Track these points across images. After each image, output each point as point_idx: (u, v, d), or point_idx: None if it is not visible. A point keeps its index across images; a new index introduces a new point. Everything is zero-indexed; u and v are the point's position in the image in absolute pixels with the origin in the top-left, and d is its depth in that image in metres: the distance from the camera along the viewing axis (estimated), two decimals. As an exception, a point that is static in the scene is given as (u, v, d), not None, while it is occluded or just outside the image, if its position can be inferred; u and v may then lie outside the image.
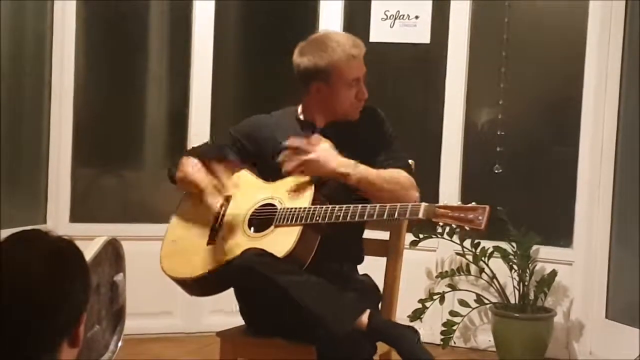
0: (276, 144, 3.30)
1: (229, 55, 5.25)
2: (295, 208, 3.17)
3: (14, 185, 4.70)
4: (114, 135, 5.12)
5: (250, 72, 5.39)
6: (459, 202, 3.10)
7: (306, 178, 3.24)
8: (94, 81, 5.08)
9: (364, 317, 3.05)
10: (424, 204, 3.04)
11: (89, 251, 2.58)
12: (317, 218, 3.12)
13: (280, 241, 3.12)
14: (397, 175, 3.24)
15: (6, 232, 1.75)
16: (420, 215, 3.02)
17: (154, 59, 5.21)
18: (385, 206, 3.08)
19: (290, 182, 3.26)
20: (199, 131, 5.01)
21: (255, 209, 3.25)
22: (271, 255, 3.08)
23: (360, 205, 3.10)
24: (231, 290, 3.27)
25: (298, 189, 3.23)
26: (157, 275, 3.34)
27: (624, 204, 4.70)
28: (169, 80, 5.24)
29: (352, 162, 3.18)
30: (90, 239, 2.65)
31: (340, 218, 3.10)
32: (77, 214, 4.92)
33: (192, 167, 3.32)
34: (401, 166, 3.28)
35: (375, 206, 3.09)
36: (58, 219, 4.83)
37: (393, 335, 3.05)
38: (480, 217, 2.97)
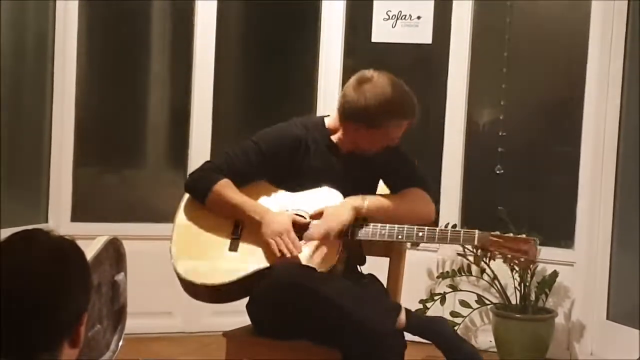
0: (306, 162, 3.30)
1: (231, 54, 5.24)
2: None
3: (16, 184, 4.70)
4: (116, 135, 5.12)
5: (252, 72, 5.39)
6: (511, 233, 3.20)
7: (333, 192, 3.24)
8: (96, 80, 5.08)
9: (402, 316, 3.08)
10: (477, 232, 3.13)
11: (90, 250, 2.58)
12: (358, 235, 3.18)
13: (319, 254, 3.15)
14: (408, 196, 3.28)
15: (7, 232, 1.75)
16: (476, 243, 3.14)
17: (156, 58, 5.21)
18: (435, 230, 3.17)
19: (315, 195, 3.26)
20: (200, 131, 5.02)
21: None
22: (305, 265, 3.10)
23: (405, 227, 3.17)
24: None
25: (325, 202, 3.24)
26: (158, 274, 3.34)
27: (626, 205, 4.70)
28: (170, 80, 5.24)
29: (360, 197, 3.21)
30: (92, 239, 2.66)
31: (386, 237, 3.17)
32: (79, 213, 4.92)
33: (228, 189, 3.25)
34: (416, 185, 3.31)
35: (424, 229, 3.17)
36: (59, 218, 4.83)
37: (433, 331, 3.10)
38: (533, 249, 3.11)
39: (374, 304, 3.09)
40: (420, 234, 3.16)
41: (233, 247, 3.23)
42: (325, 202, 3.23)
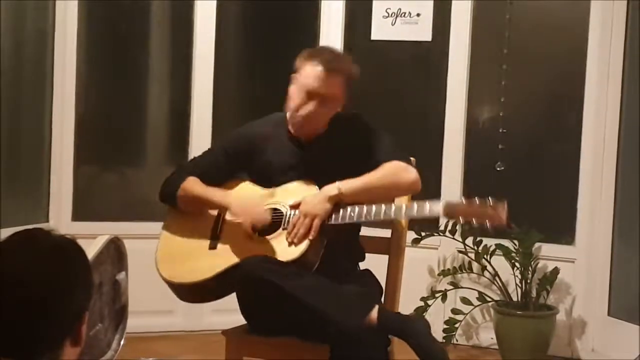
0: (269, 159, 3.31)
1: (230, 53, 5.25)
2: None
3: (16, 183, 4.70)
4: (116, 134, 5.12)
5: (251, 71, 5.39)
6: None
7: (308, 184, 3.23)
8: (96, 79, 5.08)
9: (374, 313, 3.06)
10: (443, 201, 3.09)
11: (91, 250, 2.59)
12: (330, 219, 3.14)
13: (290, 244, 3.15)
14: (385, 170, 3.20)
15: (8, 231, 1.75)
16: (441, 211, 3.08)
17: (155, 57, 5.21)
18: (401, 205, 3.14)
19: (292, 187, 3.25)
20: (200, 130, 5.02)
21: None
22: (275, 260, 3.10)
23: (374, 206, 3.12)
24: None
25: (302, 194, 3.22)
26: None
27: (626, 201, 4.70)
28: (170, 79, 5.24)
29: (334, 185, 3.16)
30: (93, 238, 2.66)
31: (355, 218, 3.14)
32: (79, 213, 4.92)
33: (194, 184, 3.31)
34: (392, 158, 3.22)
35: (391, 205, 3.13)
36: (60, 218, 4.83)
37: (404, 329, 3.06)
38: (500, 213, 3.04)
39: (341, 300, 3.08)
40: (388, 211, 3.11)
41: (213, 246, 3.26)
42: (302, 194, 3.22)
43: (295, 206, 3.19)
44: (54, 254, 1.69)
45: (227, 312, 3.59)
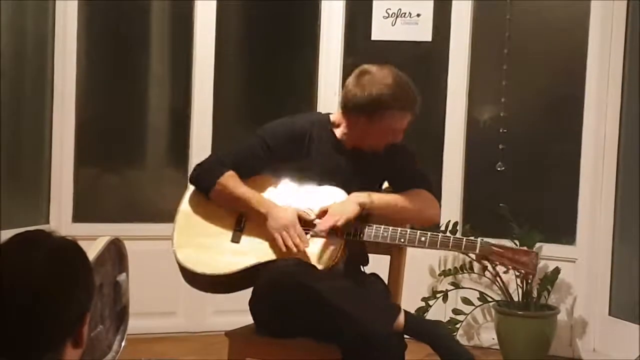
0: (313, 160, 3.29)
1: (231, 54, 5.24)
2: None
3: (16, 185, 4.70)
4: (116, 135, 5.12)
5: (251, 72, 5.39)
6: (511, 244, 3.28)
7: (339, 191, 3.25)
8: (96, 81, 5.07)
9: (401, 318, 3.08)
10: (479, 240, 3.18)
11: (92, 251, 2.59)
12: (362, 236, 3.19)
13: (321, 252, 3.16)
14: (414, 197, 3.29)
15: (9, 233, 1.75)
16: (477, 251, 3.19)
17: (155, 58, 5.20)
18: (437, 236, 3.19)
19: (319, 192, 3.25)
20: (200, 130, 5.02)
21: None
22: (304, 263, 3.11)
23: (408, 231, 3.19)
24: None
25: (330, 200, 3.23)
26: (160, 274, 3.34)
27: (627, 201, 4.69)
28: (170, 80, 5.23)
29: (366, 192, 3.22)
30: (93, 239, 2.66)
31: (388, 239, 3.18)
32: (80, 214, 4.92)
33: (234, 181, 3.25)
34: (422, 187, 3.32)
35: (426, 234, 3.18)
36: (61, 219, 4.83)
37: (430, 334, 3.10)
38: (534, 261, 3.18)
39: (372, 305, 3.09)
40: (423, 238, 3.17)
41: (235, 239, 3.24)
42: (330, 201, 3.23)
43: (322, 214, 3.21)
44: (54, 256, 1.68)
45: (229, 313, 3.60)
